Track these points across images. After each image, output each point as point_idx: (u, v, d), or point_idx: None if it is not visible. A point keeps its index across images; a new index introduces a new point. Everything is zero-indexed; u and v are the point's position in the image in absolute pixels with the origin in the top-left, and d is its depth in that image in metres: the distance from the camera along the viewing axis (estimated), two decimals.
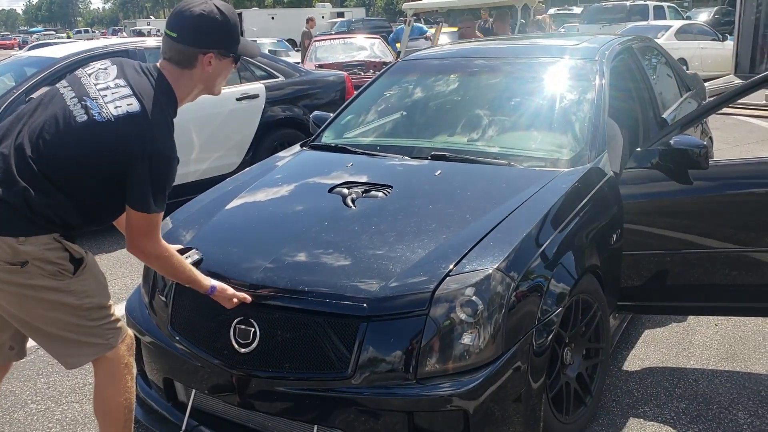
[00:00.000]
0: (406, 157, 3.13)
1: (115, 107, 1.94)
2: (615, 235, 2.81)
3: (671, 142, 2.84)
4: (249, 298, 2.24)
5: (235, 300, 2.24)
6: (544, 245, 2.35)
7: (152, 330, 2.54)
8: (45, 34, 64.51)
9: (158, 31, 39.11)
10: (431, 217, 2.53)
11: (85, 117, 1.93)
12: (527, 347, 2.18)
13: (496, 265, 2.18)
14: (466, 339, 2.09)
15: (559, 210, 2.52)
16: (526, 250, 2.29)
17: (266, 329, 2.22)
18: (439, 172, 2.87)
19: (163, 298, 2.54)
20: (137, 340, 2.54)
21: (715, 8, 27.32)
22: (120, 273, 4.57)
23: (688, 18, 21.10)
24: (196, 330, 2.39)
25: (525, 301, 2.22)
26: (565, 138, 3.13)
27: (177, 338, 2.41)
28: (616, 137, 3.38)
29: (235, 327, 2.25)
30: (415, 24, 11.92)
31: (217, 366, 2.28)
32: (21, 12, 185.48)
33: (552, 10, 27.68)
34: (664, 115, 3.85)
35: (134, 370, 2.27)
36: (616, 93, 3.47)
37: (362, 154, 3.24)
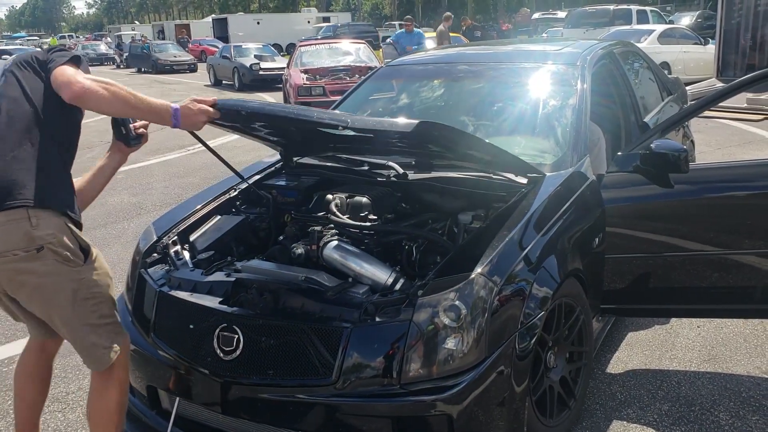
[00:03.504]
0: (390, 162, 3.14)
1: None
2: (597, 239, 2.83)
3: (652, 146, 2.86)
4: (213, 101, 2.32)
5: (202, 108, 2.28)
6: (527, 249, 2.37)
7: (135, 338, 2.52)
8: (28, 40, 64.19)
9: (143, 36, 38.91)
10: None
11: None
12: (510, 351, 2.19)
13: (479, 269, 2.19)
14: (450, 344, 2.09)
15: (541, 214, 2.54)
16: (509, 254, 2.31)
17: (250, 336, 2.22)
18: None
19: (146, 305, 2.53)
20: None
21: (698, 12, 27.63)
22: None
23: (671, 22, 21.31)
24: (180, 337, 2.38)
25: (508, 305, 2.23)
26: (547, 143, 3.15)
27: (160, 346, 2.40)
28: (599, 141, 3.41)
29: (218, 334, 2.25)
30: (415, 29, 12.05)
31: (200, 373, 2.27)
32: (4, 17, 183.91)
33: (536, 14, 27.90)
34: (646, 119, 3.89)
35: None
36: (598, 98, 3.50)
37: (346, 160, 3.24)
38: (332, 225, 2.66)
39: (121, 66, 34.11)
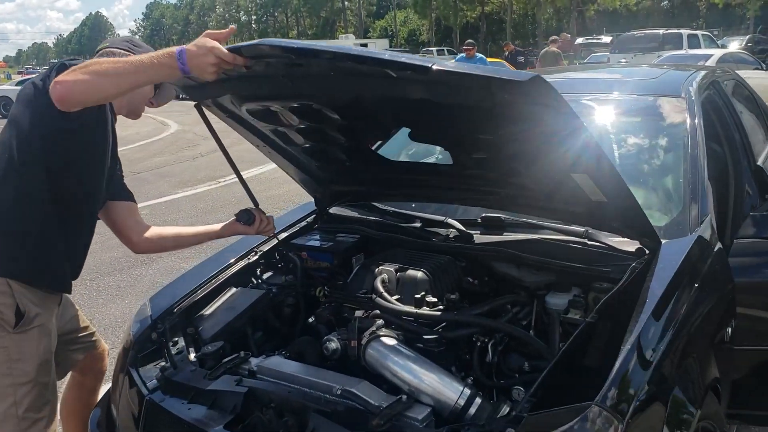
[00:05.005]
0: (449, 219, 2.49)
1: None
2: (730, 329, 2.13)
3: None
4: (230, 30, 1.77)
5: (210, 45, 1.65)
6: (656, 361, 1.67)
7: None
8: None
9: None
10: None
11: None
12: None
13: (594, 397, 1.50)
14: None
15: (666, 304, 1.83)
16: (633, 370, 1.61)
17: None
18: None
19: (132, 416, 1.92)
20: None
21: (747, 36, 26.66)
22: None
23: (723, 46, 20.40)
24: None
25: None
26: (654, 197, 2.47)
27: None
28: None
29: None
30: (477, 54, 11.45)
31: None
32: (52, 45, 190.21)
33: (580, 40, 27.17)
34: (759, 162, 3.17)
35: None
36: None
37: (394, 214, 2.62)
38: (378, 310, 2.01)
39: None
